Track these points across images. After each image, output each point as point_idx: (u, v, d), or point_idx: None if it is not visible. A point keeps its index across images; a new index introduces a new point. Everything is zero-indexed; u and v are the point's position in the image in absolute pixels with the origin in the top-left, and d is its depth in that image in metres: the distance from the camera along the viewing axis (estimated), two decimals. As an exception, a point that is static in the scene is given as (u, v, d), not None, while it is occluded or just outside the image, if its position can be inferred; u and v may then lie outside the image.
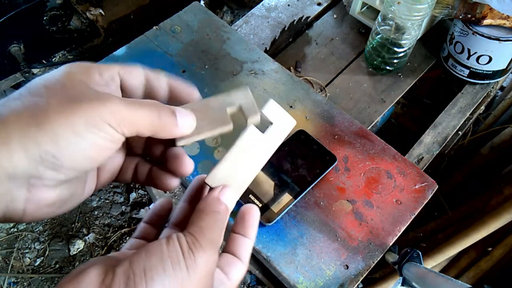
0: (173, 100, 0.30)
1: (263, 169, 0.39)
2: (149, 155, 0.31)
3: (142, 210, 1.31)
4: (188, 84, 0.30)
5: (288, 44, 0.88)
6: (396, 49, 0.76)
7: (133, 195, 1.34)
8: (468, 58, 0.77)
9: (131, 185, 1.36)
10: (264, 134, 0.31)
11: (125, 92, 0.28)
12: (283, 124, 0.32)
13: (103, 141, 0.24)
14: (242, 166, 0.30)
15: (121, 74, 0.28)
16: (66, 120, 0.23)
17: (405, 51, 0.77)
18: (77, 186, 0.27)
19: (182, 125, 0.27)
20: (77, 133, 0.23)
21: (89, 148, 0.24)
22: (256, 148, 0.30)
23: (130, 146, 0.31)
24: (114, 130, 0.24)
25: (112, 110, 0.24)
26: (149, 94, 0.29)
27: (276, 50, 0.86)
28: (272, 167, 0.60)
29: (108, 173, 0.29)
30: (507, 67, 0.78)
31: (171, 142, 0.29)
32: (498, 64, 0.77)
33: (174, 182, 0.30)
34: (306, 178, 0.59)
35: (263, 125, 0.31)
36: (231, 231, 0.30)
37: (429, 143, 0.78)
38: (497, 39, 0.72)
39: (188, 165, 0.29)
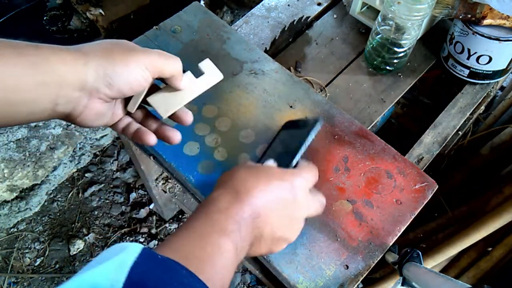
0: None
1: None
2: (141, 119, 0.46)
3: (142, 210, 1.32)
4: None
5: (288, 44, 0.88)
6: (396, 49, 0.76)
7: (133, 195, 1.35)
8: (468, 58, 0.77)
9: (131, 185, 1.36)
10: (196, 78, 0.47)
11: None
12: (212, 76, 0.48)
13: (141, 77, 0.39)
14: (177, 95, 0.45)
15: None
16: (123, 60, 0.38)
17: (405, 51, 0.77)
18: (112, 108, 0.42)
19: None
20: (129, 68, 0.38)
21: (132, 79, 0.39)
22: (189, 86, 0.46)
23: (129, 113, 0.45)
24: (149, 72, 0.40)
25: (150, 60, 0.39)
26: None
27: (276, 50, 0.86)
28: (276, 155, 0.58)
29: (118, 116, 0.44)
30: (507, 67, 0.78)
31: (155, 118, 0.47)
32: (498, 64, 0.77)
33: (152, 139, 0.45)
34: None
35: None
36: None
37: (429, 143, 0.78)
38: (497, 39, 0.72)
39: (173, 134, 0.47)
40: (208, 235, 0.37)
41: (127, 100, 0.43)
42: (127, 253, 0.28)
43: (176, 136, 0.46)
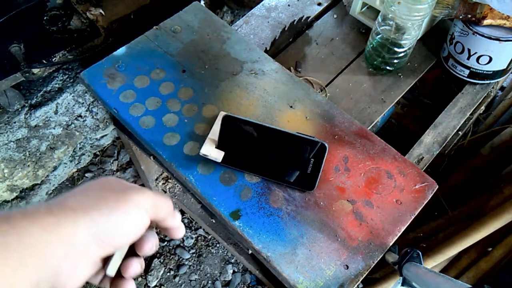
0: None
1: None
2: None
3: (142, 210, 1.31)
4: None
5: (288, 44, 0.88)
6: (396, 49, 0.76)
7: (133, 195, 1.34)
8: (468, 58, 0.77)
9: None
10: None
11: None
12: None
13: (141, 224, 0.33)
14: None
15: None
16: (120, 206, 0.31)
17: (405, 51, 0.77)
18: (100, 269, 0.33)
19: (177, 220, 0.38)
20: (128, 215, 0.31)
21: (131, 228, 0.32)
22: None
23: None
24: (148, 216, 0.33)
25: (148, 200, 0.33)
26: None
27: (276, 50, 0.86)
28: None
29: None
30: (507, 67, 0.78)
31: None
32: (498, 64, 0.77)
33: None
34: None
35: None
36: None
37: (429, 143, 0.78)
38: (497, 39, 0.72)
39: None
40: None
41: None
42: None
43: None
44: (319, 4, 0.94)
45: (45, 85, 1.14)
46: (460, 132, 0.92)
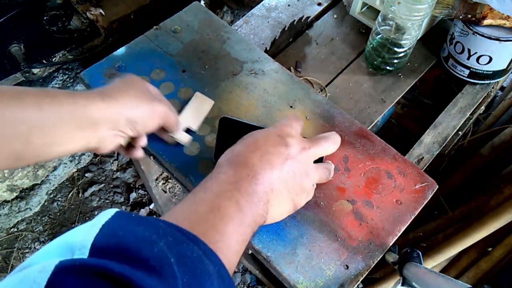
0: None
1: None
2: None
3: (142, 210, 1.32)
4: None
5: (288, 44, 0.88)
6: (396, 49, 0.76)
7: (133, 195, 1.34)
8: (468, 58, 0.77)
9: (131, 185, 1.36)
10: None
11: None
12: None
13: (156, 125, 0.50)
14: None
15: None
16: (148, 109, 0.47)
17: (405, 51, 0.77)
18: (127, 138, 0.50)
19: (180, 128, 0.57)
20: (152, 117, 0.48)
21: (150, 126, 0.49)
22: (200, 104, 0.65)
23: None
24: (161, 121, 0.50)
25: (166, 111, 0.50)
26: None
27: (276, 50, 0.86)
28: None
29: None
30: (507, 67, 0.78)
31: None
32: (498, 64, 0.77)
33: (139, 153, 0.54)
34: None
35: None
36: None
37: (429, 143, 0.78)
38: (497, 39, 0.72)
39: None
40: (202, 199, 0.38)
41: None
42: (102, 215, 0.29)
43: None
44: (319, 4, 0.94)
45: (45, 85, 1.14)
46: (460, 132, 0.92)
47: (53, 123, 0.38)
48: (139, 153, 0.54)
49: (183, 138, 0.62)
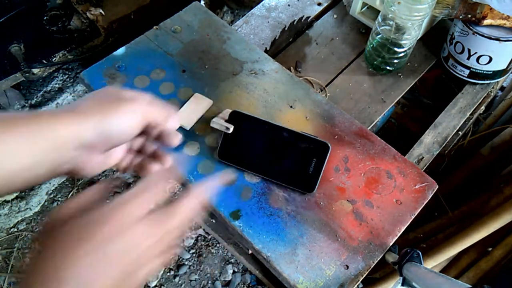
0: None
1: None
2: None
3: (142, 210, 1.32)
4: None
5: (288, 44, 0.88)
6: (396, 49, 0.76)
7: (133, 195, 1.34)
8: (468, 58, 0.77)
9: (131, 185, 1.36)
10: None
11: None
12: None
13: (136, 128, 0.39)
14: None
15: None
16: (117, 112, 0.38)
17: (405, 51, 0.77)
18: (110, 153, 0.42)
19: (174, 123, 0.42)
20: (123, 120, 0.38)
21: (126, 130, 0.39)
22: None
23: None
24: (142, 120, 0.39)
25: (142, 108, 0.39)
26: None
27: (276, 50, 0.86)
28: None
29: (117, 157, 0.44)
30: (507, 67, 0.78)
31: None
32: (498, 64, 0.77)
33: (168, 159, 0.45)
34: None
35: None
36: None
37: (429, 143, 0.78)
38: (497, 39, 0.72)
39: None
40: None
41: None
42: None
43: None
44: (319, 4, 0.94)
45: (45, 85, 1.14)
46: (460, 132, 0.92)
47: (11, 148, 0.33)
48: (160, 165, 0.44)
49: None
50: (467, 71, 0.80)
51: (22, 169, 0.34)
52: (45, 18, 1.00)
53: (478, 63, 0.77)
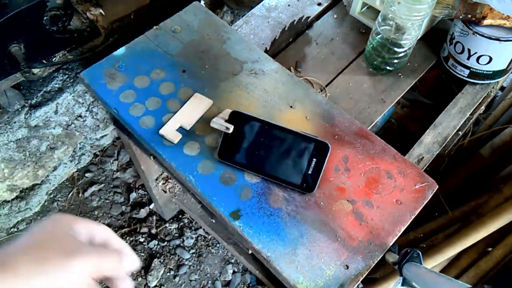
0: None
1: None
2: None
3: (142, 210, 1.31)
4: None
5: (288, 44, 0.88)
6: (396, 49, 0.76)
7: (133, 195, 1.34)
8: (468, 58, 0.77)
9: (131, 185, 1.36)
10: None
11: None
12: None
13: (82, 284, 0.32)
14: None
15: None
16: (61, 268, 0.30)
17: (405, 51, 0.77)
18: None
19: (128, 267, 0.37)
20: (68, 279, 0.31)
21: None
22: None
23: None
24: (90, 276, 0.32)
25: (92, 263, 0.32)
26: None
27: (276, 50, 0.86)
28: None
29: None
30: (507, 67, 0.78)
31: None
32: (498, 64, 0.77)
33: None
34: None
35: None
36: None
37: (429, 143, 0.78)
38: (497, 39, 0.72)
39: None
40: None
41: None
42: None
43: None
44: (319, 4, 0.94)
45: (45, 85, 1.14)
46: (460, 132, 0.92)
47: None
48: None
49: (174, 137, 0.63)
50: (467, 71, 0.80)
51: None
52: (45, 18, 1.00)
53: (478, 63, 0.77)
